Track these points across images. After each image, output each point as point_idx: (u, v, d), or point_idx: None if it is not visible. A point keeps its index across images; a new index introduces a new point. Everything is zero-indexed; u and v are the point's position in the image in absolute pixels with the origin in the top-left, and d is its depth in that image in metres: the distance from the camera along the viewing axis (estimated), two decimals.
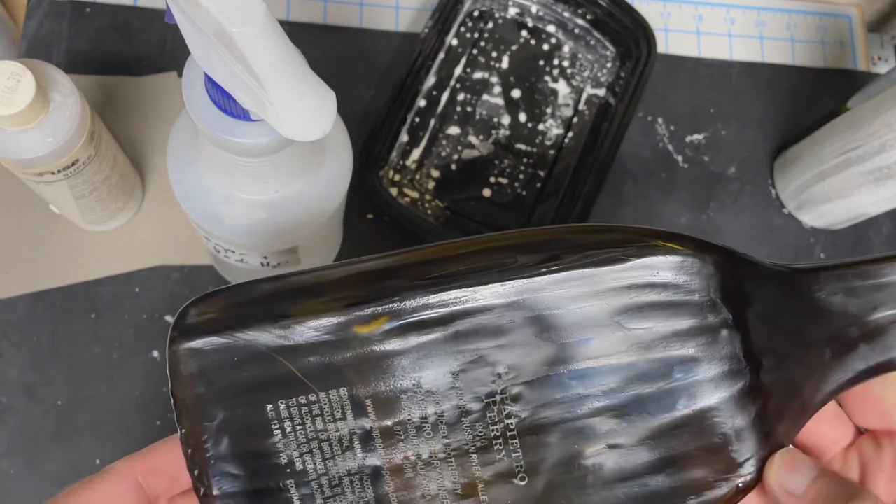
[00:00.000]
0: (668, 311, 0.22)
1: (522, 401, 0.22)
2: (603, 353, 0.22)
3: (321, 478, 0.22)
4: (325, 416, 0.22)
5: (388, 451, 0.22)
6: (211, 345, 0.22)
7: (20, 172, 0.37)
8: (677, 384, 0.22)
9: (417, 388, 0.22)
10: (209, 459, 0.22)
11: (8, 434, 0.43)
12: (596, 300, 0.22)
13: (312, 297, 0.22)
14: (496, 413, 0.22)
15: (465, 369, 0.22)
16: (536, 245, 0.22)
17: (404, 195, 0.49)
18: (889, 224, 0.54)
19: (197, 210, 0.35)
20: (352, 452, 0.22)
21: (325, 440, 0.22)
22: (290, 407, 0.22)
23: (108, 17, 0.51)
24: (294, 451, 0.22)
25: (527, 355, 0.22)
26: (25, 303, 0.45)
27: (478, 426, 0.22)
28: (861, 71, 0.57)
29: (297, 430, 0.22)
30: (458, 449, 0.22)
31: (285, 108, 0.25)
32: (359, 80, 0.52)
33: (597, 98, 0.52)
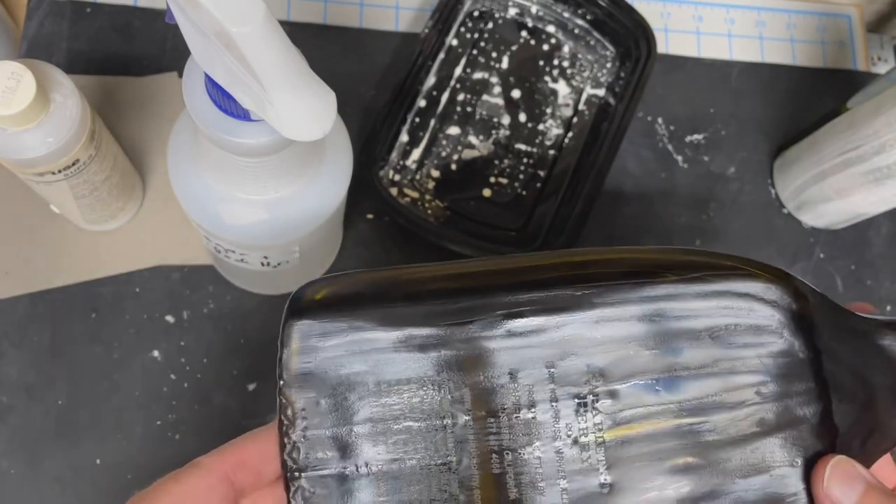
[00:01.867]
0: (750, 334, 0.23)
1: (611, 406, 0.23)
2: (693, 366, 0.23)
3: (413, 466, 0.23)
4: (423, 407, 0.23)
5: (479, 445, 0.23)
6: (321, 326, 0.23)
7: (20, 172, 0.37)
8: (757, 406, 0.23)
9: (513, 386, 0.23)
10: (304, 437, 0.23)
11: (8, 433, 0.43)
12: (682, 318, 0.23)
13: (420, 289, 0.23)
14: (587, 417, 0.23)
15: (560, 370, 0.23)
16: (632, 261, 0.24)
17: (404, 195, 0.49)
18: (888, 224, 0.54)
19: (197, 210, 0.35)
20: (444, 444, 0.23)
21: (420, 431, 0.23)
22: (389, 390, 0.23)
23: (108, 17, 0.51)
24: (389, 436, 0.23)
25: (617, 362, 0.23)
26: (26, 303, 0.45)
27: (568, 428, 0.23)
28: (861, 71, 0.57)
29: (395, 414, 0.23)
30: (547, 446, 0.23)
31: (285, 108, 0.26)
32: (359, 80, 0.52)
33: (597, 98, 0.53)
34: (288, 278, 0.45)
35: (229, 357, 0.46)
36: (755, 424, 0.23)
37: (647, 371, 0.23)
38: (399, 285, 0.24)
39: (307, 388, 0.23)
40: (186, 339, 0.45)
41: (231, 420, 0.44)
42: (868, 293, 0.53)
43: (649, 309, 0.23)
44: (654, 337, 0.23)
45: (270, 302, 0.47)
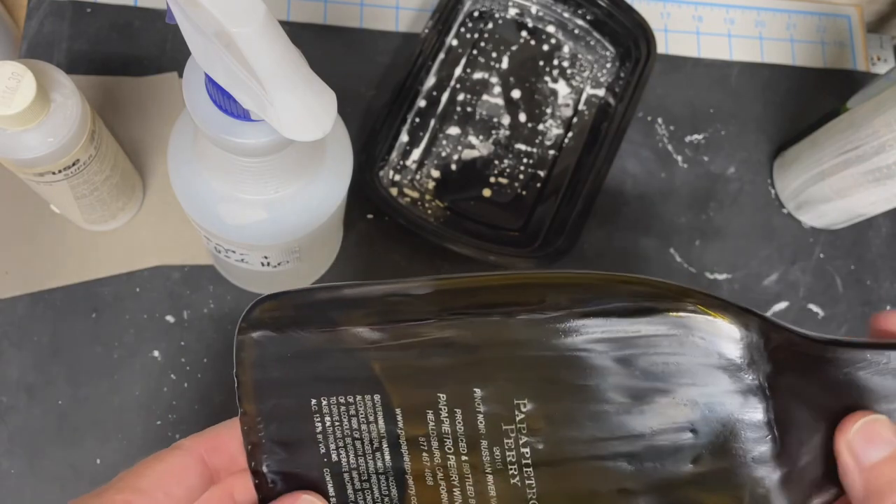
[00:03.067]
0: (696, 369, 0.22)
1: (541, 433, 0.23)
2: (625, 401, 0.23)
3: (352, 471, 0.24)
4: (360, 417, 0.24)
5: (413, 457, 0.24)
6: (270, 338, 0.25)
7: (21, 172, 0.37)
8: (696, 441, 0.23)
9: (442, 405, 0.24)
10: (261, 439, 0.25)
11: (8, 433, 0.43)
12: (627, 350, 0.23)
13: (359, 308, 0.24)
14: (514, 441, 0.23)
15: (489, 395, 0.23)
16: (572, 287, 0.23)
17: (404, 195, 0.49)
18: (888, 224, 0.54)
19: (197, 210, 0.35)
20: (381, 453, 0.24)
21: (359, 438, 0.24)
22: (331, 404, 0.24)
23: (108, 17, 0.51)
24: (332, 443, 0.24)
25: (550, 391, 0.23)
26: (26, 302, 0.45)
27: (495, 450, 0.23)
28: (860, 71, 0.57)
29: (336, 425, 0.24)
30: (475, 467, 0.24)
31: (285, 108, 0.26)
32: (359, 80, 0.52)
33: (596, 98, 0.53)
34: (288, 278, 0.45)
35: (229, 357, 0.45)
36: (691, 462, 0.23)
37: (578, 400, 0.23)
38: (343, 302, 0.24)
39: (260, 397, 0.25)
40: (187, 338, 0.46)
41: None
42: (867, 293, 0.53)
43: (585, 342, 0.23)
44: (587, 369, 0.23)
45: None
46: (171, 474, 0.24)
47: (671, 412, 0.23)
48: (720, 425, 0.23)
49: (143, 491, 0.24)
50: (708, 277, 0.51)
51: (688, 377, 0.23)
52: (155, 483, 0.24)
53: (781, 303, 0.52)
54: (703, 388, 0.23)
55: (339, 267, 0.48)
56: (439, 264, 0.49)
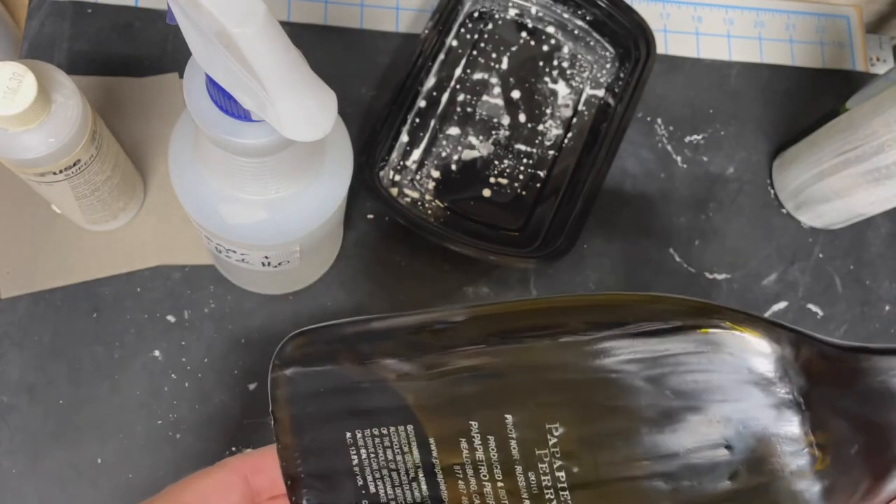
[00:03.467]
0: (729, 386, 0.22)
1: (576, 457, 0.23)
2: (658, 421, 0.23)
3: (390, 502, 0.25)
4: (394, 448, 0.24)
5: (448, 485, 0.24)
6: (304, 374, 0.25)
7: (22, 173, 0.37)
8: (732, 457, 0.23)
9: (477, 432, 0.24)
10: (300, 473, 0.25)
11: (10, 433, 0.43)
12: (657, 369, 0.23)
13: (388, 340, 0.25)
14: (548, 465, 0.23)
15: (521, 421, 0.23)
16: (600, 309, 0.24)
17: (404, 195, 0.49)
18: (887, 224, 0.54)
19: (198, 210, 0.35)
20: (417, 483, 0.24)
21: (395, 469, 0.24)
22: (366, 436, 0.25)
23: (109, 17, 0.51)
24: (368, 475, 0.25)
25: (583, 414, 0.23)
26: (27, 302, 0.45)
27: (530, 475, 0.24)
28: (860, 71, 0.57)
29: (371, 457, 0.25)
30: (512, 493, 0.24)
31: (286, 108, 0.26)
32: (359, 81, 0.52)
33: (596, 99, 0.53)
34: (288, 278, 0.46)
35: (230, 356, 0.46)
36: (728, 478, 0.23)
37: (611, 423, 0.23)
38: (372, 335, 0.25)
39: (296, 431, 0.25)
40: (187, 338, 0.46)
41: (232, 419, 0.45)
42: (867, 293, 0.53)
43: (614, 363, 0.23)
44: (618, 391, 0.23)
45: (271, 302, 0.47)
46: (216, 490, 0.25)
47: (705, 429, 0.23)
48: (755, 441, 0.22)
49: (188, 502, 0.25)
50: (707, 277, 0.52)
51: (720, 394, 0.22)
52: (199, 497, 0.25)
53: (780, 303, 0.52)
54: (736, 403, 0.22)
55: (339, 267, 0.48)
56: (439, 264, 0.49)
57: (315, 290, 0.47)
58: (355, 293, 0.48)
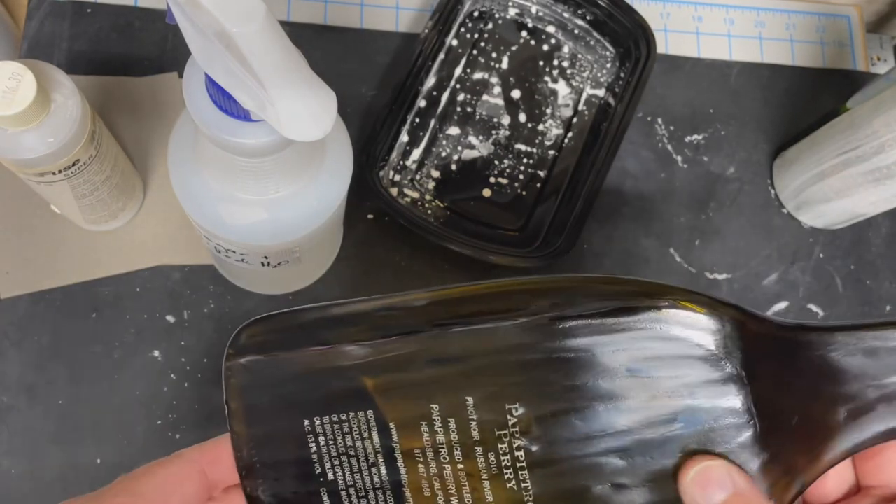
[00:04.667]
0: (677, 362, 0.23)
1: (533, 435, 0.24)
2: (611, 398, 0.23)
3: (349, 488, 0.25)
4: (354, 434, 0.24)
5: (409, 469, 0.24)
6: (259, 363, 0.25)
7: (21, 172, 0.37)
8: (682, 432, 0.23)
9: (436, 415, 0.24)
10: (255, 464, 0.25)
11: (9, 433, 0.43)
12: (609, 348, 0.23)
13: (347, 326, 0.24)
14: (507, 445, 0.24)
15: (482, 402, 0.24)
16: (554, 292, 0.24)
17: (404, 195, 0.49)
18: (888, 224, 0.54)
19: (197, 210, 0.35)
20: (377, 468, 0.24)
21: (354, 455, 0.24)
22: (324, 423, 0.24)
23: (108, 17, 0.51)
24: (327, 462, 0.24)
25: (540, 394, 0.24)
26: (26, 302, 0.45)
27: (490, 455, 0.24)
28: (860, 71, 0.57)
29: (330, 444, 0.24)
30: (472, 474, 0.24)
31: (286, 108, 0.26)
32: (359, 81, 0.52)
33: (596, 98, 0.53)
34: (288, 278, 0.46)
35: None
36: (680, 452, 0.23)
37: (568, 402, 0.24)
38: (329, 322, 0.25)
39: (251, 422, 0.25)
40: (187, 338, 0.46)
41: None
42: (867, 293, 0.53)
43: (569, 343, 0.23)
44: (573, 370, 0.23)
45: (271, 302, 0.47)
46: (171, 483, 0.25)
47: (656, 405, 0.23)
48: (703, 415, 0.23)
49: (141, 496, 0.24)
50: (708, 277, 0.51)
51: (668, 370, 0.23)
52: (153, 489, 0.24)
53: (781, 303, 0.52)
54: (684, 379, 0.23)
55: (339, 267, 0.48)
56: (439, 264, 0.49)
57: (315, 290, 0.47)
58: (355, 293, 0.48)
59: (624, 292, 0.24)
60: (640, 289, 0.24)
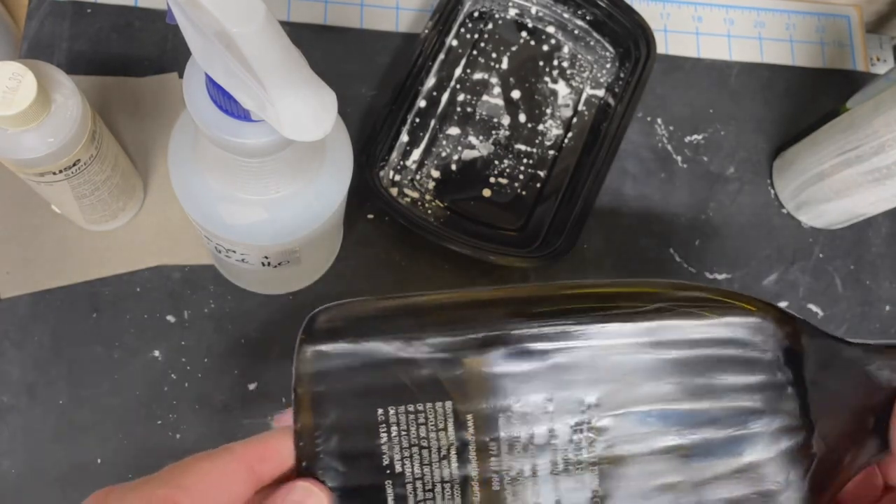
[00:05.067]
0: (740, 365, 0.25)
1: (606, 432, 0.24)
2: (679, 398, 0.24)
3: (416, 481, 0.24)
4: (429, 426, 0.24)
5: (480, 464, 0.24)
6: (335, 350, 0.24)
7: (21, 173, 0.37)
8: (741, 433, 0.24)
9: (513, 410, 0.24)
10: (319, 454, 0.24)
11: (9, 433, 0.43)
12: (678, 349, 0.24)
13: (432, 316, 0.25)
14: (581, 441, 0.24)
15: (558, 398, 0.24)
16: (633, 295, 0.25)
17: (404, 195, 0.49)
18: (888, 224, 0.54)
19: (198, 210, 0.35)
20: (448, 461, 0.24)
21: (426, 447, 0.24)
22: (399, 413, 0.24)
23: (108, 17, 0.51)
24: (396, 454, 0.24)
25: (614, 391, 0.24)
26: (27, 302, 0.45)
27: (564, 451, 0.24)
28: (860, 71, 0.57)
29: (402, 435, 0.24)
30: (542, 470, 0.24)
31: (286, 108, 0.26)
32: (359, 81, 0.52)
33: (596, 98, 0.53)
34: (288, 278, 0.46)
35: (230, 357, 0.46)
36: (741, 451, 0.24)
37: (639, 401, 0.24)
38: (409, 311, 0.25)
39: (321, 409, 0.24)
40: (187, 338, 0.46)
41: (231, 420, 0.45)
42: (867, 293, 0.53)
43: (645, 342, 0.24)
44: (649, 369, 0.24)
45: (271, 302, 0.47)
46: (218, 477, 0.24)
47: (722, 405, 0.25)
48: (761, 417, 0.24)
49: (187, 489, 0.23)
50: (708, 277, 0.51)
51: (733, 371, 0.24)
52: (199, 482, 0.23)
53: (781, 302, 0.52)
54: (747, 380, 0.25)
55: (339, 267, 0.48)
56: (439, 264, 0.49)
57: (315, 290, 0.47)
58: (355, 293, 0.48)
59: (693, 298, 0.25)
60: (707, 295, 0.25)
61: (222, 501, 0.23)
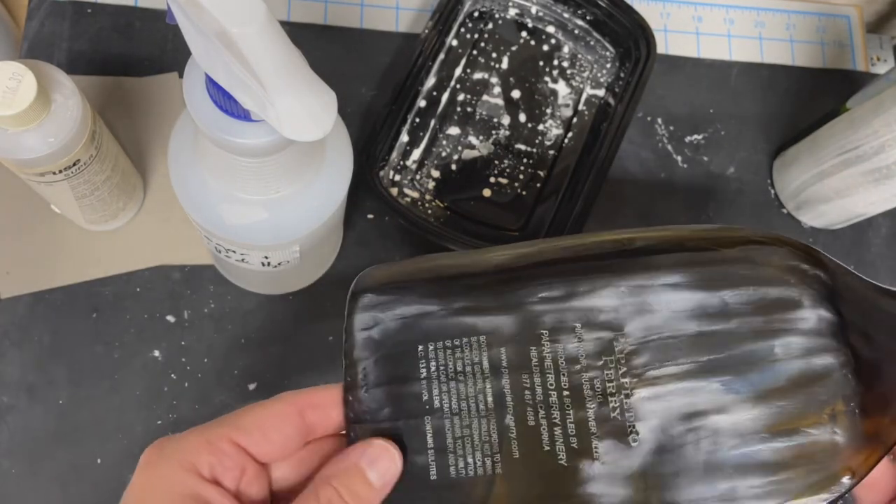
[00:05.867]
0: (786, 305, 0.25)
1: (640, 361, 0.25)
2: (721, 331, 0.25)
3: (454, 416, 0.26)
4: (465, 360, 0.26)
5: (515, 396, 0.25)
6: (382, 299, 0.27)
7: (21, 173, 0.37)
8: (782, 360, 0.25)
9: (546, 341, 0.25)
10: (363, 388, 0.26)
11: (9, 433, 0.43)
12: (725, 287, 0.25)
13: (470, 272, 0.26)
14: (614, 371, 0.25)
15: (590, 328, 0.25)
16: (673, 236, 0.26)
17: (404, 195, 0.49)
18: (888, 224, 0.54)
19: (198, 210, 0.35)
20: (483, 395, 0.25)
21: (462, 381, 0.26)
22: (437, 348, 0.26)
23: (109, 17, 0.51)
24: (434, 388, 0.26)
25: (647, 320, 0.25)
26: (27, 302, 0.45)
27: (596, 382, 0.25)
28: (860, 71, 0.57)
29: (440, 369, 0.26)
30: (577, 402, 0.25)
31: (286, 108, 0.26)
32: (359, 81, 0.52)
33: (596, 98, 0.53)
34: (288, 278, 0.46)
35: (230, 357, 0.46)
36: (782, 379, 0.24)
37: (674, 334, 0.25)
38: (447, 267, 0.27)
39: (368, 351, 0.26)
40: (187, 338, 0.46)
41: None
42: None
43: (680, 278, 0.25)
44: (687, 303, 0.25)
45: (271, 302, 0.47)
46: (272, 419, 0.25)
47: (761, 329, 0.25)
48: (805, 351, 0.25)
49: (244, 429, 0.25)
50: None
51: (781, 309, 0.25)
52: (254, 423, 0.25)
53: None
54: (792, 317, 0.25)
55: (339, 267, 0.48)
56: None
57: (315, 290, 0.47)
58: None
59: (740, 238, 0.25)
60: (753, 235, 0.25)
61: (276, 441, 0.25)
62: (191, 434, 0.25)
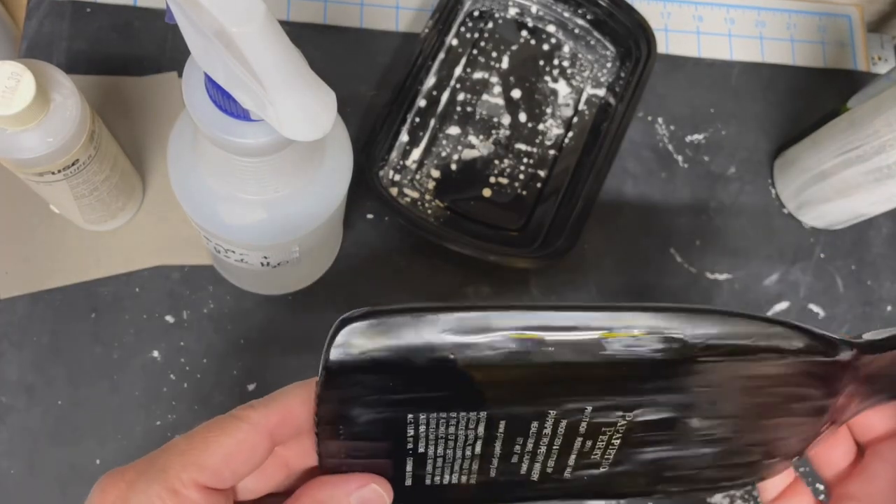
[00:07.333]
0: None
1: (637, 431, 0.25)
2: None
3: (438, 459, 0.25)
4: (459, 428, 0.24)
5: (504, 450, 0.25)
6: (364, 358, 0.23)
7: (20, 172, 0.37)
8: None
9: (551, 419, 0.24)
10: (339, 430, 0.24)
11: (8, 434, 0.43)
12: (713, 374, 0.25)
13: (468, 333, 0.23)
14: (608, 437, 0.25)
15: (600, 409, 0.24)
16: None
17: (404, 195, 0.49)
18: (888, 224, 0.54)
19: (197, 210, 0.35)
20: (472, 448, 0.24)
21: (452, 439, 0.24)
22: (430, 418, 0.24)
23: (108, 17, 0.51)
24: (421, 443, 0.24)
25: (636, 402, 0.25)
26: (26, 302, 0.45)
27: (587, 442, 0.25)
28: (861, 71, 0.57)
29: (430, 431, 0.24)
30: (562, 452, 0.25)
31: (285, 108, 0.26)
32: (359, 80, 0.52)
33: (597, 98, 0.52)
34: (288, 278, 0.45)
35: (229, 357, 0.46)
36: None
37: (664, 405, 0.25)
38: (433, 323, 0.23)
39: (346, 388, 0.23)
40: (186, 339, 0.45)
41: None
42: (868, 293, 0.53)
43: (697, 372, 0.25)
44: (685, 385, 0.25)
45: (270, 302, 0.47)
46: (240, 453, 0.23)
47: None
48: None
49: (211, 469, 0.22)
50: (708, 277, 0.51)
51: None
52: (223, 461, 0.22)
53: (782, 303, 0.52)
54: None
55: (338, 267, 0.48)
56: (439, 264, 0.49)
57: (315, 290, 0.47)
58: (355, 293, 0.48)
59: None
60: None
61: (244, 472, 0.23)
62: (153, 482, 0.22)
